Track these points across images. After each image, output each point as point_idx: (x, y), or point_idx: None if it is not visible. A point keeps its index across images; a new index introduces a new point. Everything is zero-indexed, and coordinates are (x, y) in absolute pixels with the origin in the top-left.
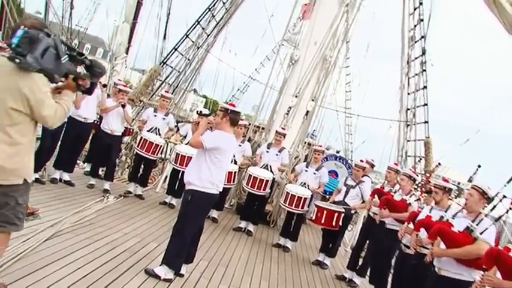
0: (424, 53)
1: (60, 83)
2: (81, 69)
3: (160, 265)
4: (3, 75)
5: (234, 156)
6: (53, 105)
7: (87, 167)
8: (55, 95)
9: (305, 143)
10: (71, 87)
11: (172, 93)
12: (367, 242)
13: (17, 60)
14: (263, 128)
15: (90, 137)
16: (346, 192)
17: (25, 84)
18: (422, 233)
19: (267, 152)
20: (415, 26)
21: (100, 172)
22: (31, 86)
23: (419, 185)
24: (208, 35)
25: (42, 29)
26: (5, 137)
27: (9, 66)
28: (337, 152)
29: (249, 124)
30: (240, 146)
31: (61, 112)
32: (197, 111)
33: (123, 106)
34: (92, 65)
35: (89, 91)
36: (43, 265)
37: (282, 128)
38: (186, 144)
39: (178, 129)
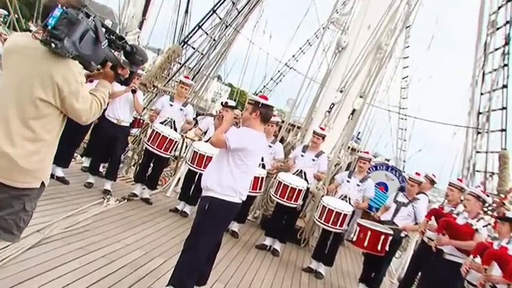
0: (508, 42)
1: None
2: (118, 55)
3: (166, 286)
4: (34, 59)
5: (262, 159)
6: (88, 98)
7: (86, 162)
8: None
9: (348, 147)
10: (108, 77)
11: (192, 80)
12: (419, 273)
13: (53, 45)
14: (299, 127)
15: (92, 127)
16: (396, 211)
17: (58, 71)
18: (495, 270)
19: (302, 156)
20: (499, 8)
21: (101, 169)
22: (65, 74)
23: (490, 208)
24: (239, 12)
25: (81, 8)
26: (27, 131)
27: (41, 50)
28: (387, 160)
29: (282, 121)
30: (270, 147)
31: (96, 106)
32: (222, 103)
33: (134, 92)
34: (133, 51)
35: (126, 82)
36: (25, 278)
37: (322, 129)
38: (206, 141)
39: (197, 123)
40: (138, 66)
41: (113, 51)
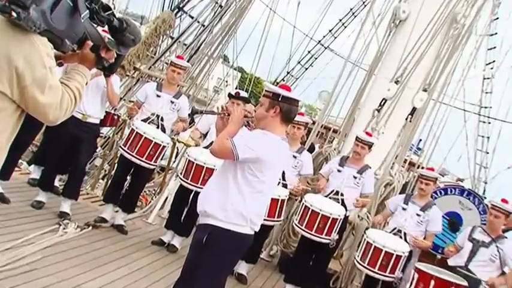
0: None
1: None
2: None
3: None
4: None
5: (283, 174)
6: (59, 89)
7: (35, 173)
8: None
9: (405, 161)
10: (87, 61)
11: (188, 61)
12: None
13: (14, 14)
14: (335, 131)
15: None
16: (473, 253)
17: (19, 51)
18: None
19: (340, 171)
20: None
21: (56, 183)
22: (28, 56)
23: None
24: None
25: None
26: None
27: None
28: (460, 180)
29: (313, 123)
30: (294, 157)
31: (69, 101)
32: (229, 94)
33: (107, 75)
34: (123, 27)
35: (111, 68)
36: None
37: (368, 134)
38: (206, 148)
39: (193, 122)
40: (129, 47)
41: (95, 26)
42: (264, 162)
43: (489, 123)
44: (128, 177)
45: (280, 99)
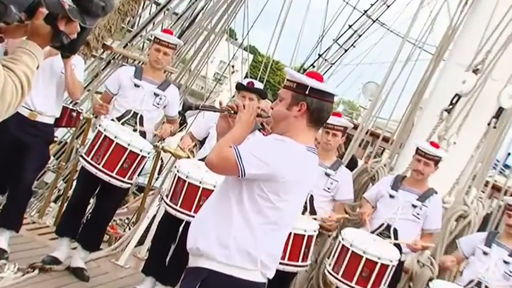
0: None
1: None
2: None
3: None
4: None
5: (311, 198)
6: (0, 74)
7: None
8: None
9: (486, 184)
10: (40, 36)
11: (179, 38)
12: None
13: None
14: (386, 140)
15: None
16: None
17: None
18: None
19: (392, 197)
20: None
21: None
22: None
23: None
24: None
25: None
26: None
27: None
28: None
29: (355, 127)
30: (327, 175)
31: (14, 90)
32: (237, 85)
33: (66, 56)
34: None
35: (72, 47)
36: None
37: (433, 144)
38: (203, 160)
39: (185, 122)
40: (97, 18)
41: None
42: (281, 182)
43: None
44: (92, 200)
45: (307, 92)
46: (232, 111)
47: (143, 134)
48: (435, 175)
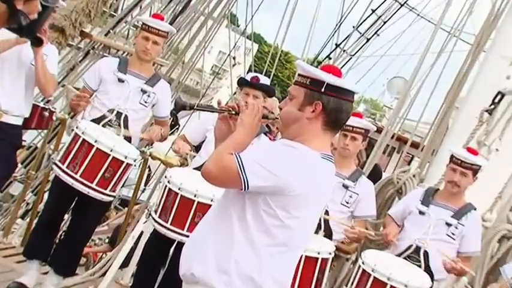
0: None
1: None
2: None
3: None
4: None
5: (326, 213)
6: None
7: None
8: None
9: None
10: None
11: (172, 24)
12: None
13: None
14: (415, 145)
15: None
16: None
17: None
18: None
19: (423, 213)
20: None
21: None
22: None
23: None
24: None
25: None
26: None
27: None
28: None
29: (377, 130)
30: (345, 187)
31: None
32: (239, 80)
33: (36, 43)
34: None
35: (31, 30)
36: None
37: (471, 151)
38: (198, 168)
39: (177, 124)
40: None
41: None
42: (291, 195)
43: None
44: (66, 216)
45: (323, 89)
46: (233, 112)
47: (128, 138)
48: (473, 188)
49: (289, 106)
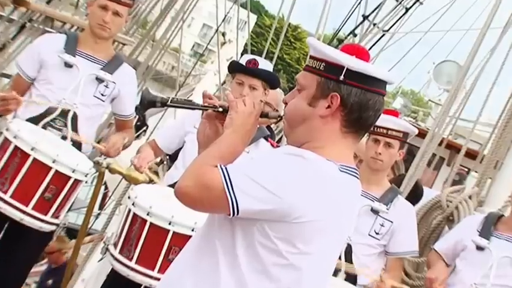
0: None
1: None
2: None
3: None
4: None
5: (348, 247)
6: None
7: None
8: None
9: None
10: None
11: None
12: None
13: None
14: (471, 155)
15: None
16: None
17: None
18: None
19: (482, 249)
20: None
21: None
22: None
23: None
24: None
25: None
26: None
27: None
28: None
29: (420, 134)
30: (375, 213)
31: None
32: (231, 64)
33: None
34: None
35: None
36: None
37: None
38: (172, 186)
39: (144, 125)
40: None
41: None
42: (299, 224)
43: None
44: None
45: (342, 77)
46: (221, 109)
47: (78, 144)
48: None
49: (297, 100)
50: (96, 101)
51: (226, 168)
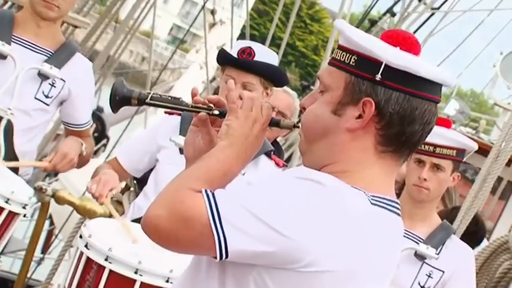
0: None
1: None
2: None
3: None
4: None
5: None
6: None
7: None
8: None
9: None
10: None
11: None
12: None
13: None
14: None
15: None
16: None
17: None
18: None
19: None
20: None
21: None
22: None
23: None
24: None
25: None
26: None
27: None
28: None
29: (482, 151)
30: (421, 258)
31: None
32: (219, 54)
33: None
34: None
35: None
36: None
37: None
38: (138, 221)
39: (101, 138)
40: None
41: None
42: (314, 274)
43: None
44: None
45: (379, 75)
46: (218, 112)
47: (14, 170)
48: None
49: (319, 105)
50: (38, 104)
51: (213, 194)
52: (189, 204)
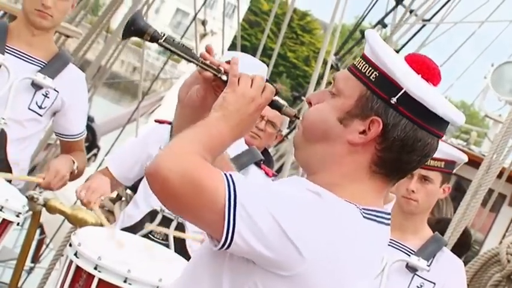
0: None
1: None
2: None
3: None
4: None
5: None
6: None
7: None
8: None
9: None
10: None
11: None
12: None
13: None
14: None
15: None
16: None
17: None
18: None
19: None
20: None
21: None
22: None
23: None
24: None
25: None
26: None
27: None
28: None
29: (472, 162)
30: (411, 270)
31: None
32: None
33: None
34: None
35: None
36: None
37: None
38: (130, 230)
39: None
40: None
41: None
42: (304, 282)
43: None
44: None
45: (396, 99)
46: (225, 78)
47: (7, 171)
48: None
49: (326, 106)
50: (31, 115)
51: (232, 177)
52: (205, 173)
